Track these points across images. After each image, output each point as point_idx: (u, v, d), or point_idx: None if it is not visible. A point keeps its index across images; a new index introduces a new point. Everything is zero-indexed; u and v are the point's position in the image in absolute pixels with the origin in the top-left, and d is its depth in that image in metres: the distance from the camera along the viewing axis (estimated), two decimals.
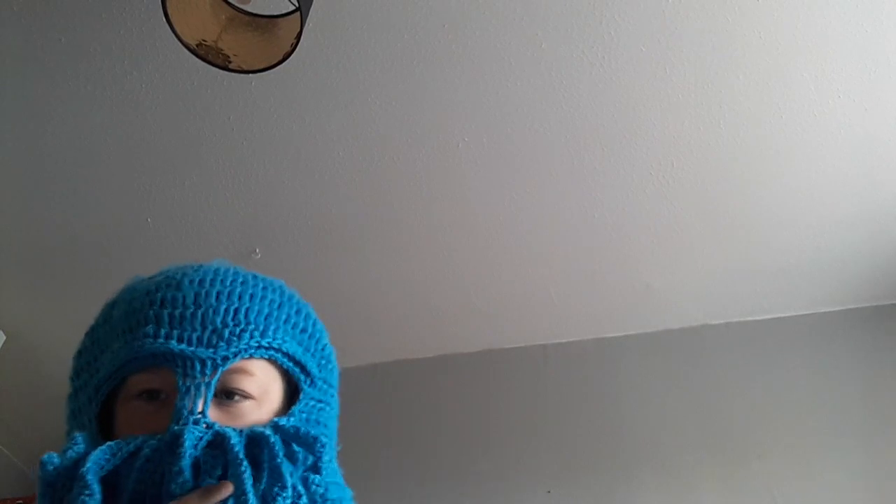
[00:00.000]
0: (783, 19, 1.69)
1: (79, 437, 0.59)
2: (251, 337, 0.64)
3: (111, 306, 0.69)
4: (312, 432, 0.62)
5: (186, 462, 0.55)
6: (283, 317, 0.68)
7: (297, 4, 1.38)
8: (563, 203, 2.09)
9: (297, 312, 0.70)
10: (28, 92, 1.79)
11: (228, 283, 0.66)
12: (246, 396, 0.63)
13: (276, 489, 0.57)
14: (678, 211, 2.12)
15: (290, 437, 0.61)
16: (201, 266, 0.69)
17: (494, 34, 1.71)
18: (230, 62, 1.45)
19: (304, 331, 0.70)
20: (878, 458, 2.11)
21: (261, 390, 0.64)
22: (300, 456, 0.61)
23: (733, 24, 1.70)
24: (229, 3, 1.45)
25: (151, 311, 0.64)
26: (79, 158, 1.93)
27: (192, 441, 0.56)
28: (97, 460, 0.55)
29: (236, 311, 0.64)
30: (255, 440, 0.59)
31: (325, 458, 0.63)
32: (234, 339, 0.63)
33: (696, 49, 1.74)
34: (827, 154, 1.98)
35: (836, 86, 1.82)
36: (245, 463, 0.56)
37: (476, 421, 2.43)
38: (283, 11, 1.48)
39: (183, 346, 0.61)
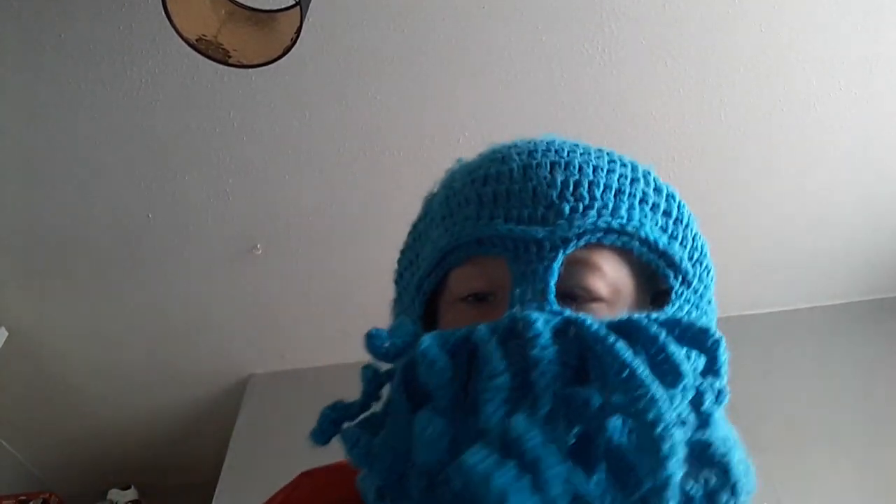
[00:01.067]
0: (784, 12, 1.69)
1: (405, 319, 0.50)
2: (598, 216, 0.49)
3: (432, 196, 0.59)
4: (702, 326, 0.46)
5: (540, 350, 0.41)
6: (639, 195, 0.52)
7: None
8: None
9: (657, 191, 0.54)
10: (28, 91, 1.79)
11: (566, 154, 0.52)
12: (593, 298, 0.48)
13: (672, 389, 0.42)
14: None
15: (675, 330, 0.45)
16: (532, 139, 0.56)
17: (494, 27, 1.70)
18: (230, 57, 1.45)
19: (667, 213, 0.54)
20: (879, 451, 2.11)
21: (611, 290, 0.49)
22: (693, 356, 0.46)
23: (734, 17, 1.69)
24: None
25: (473, 191, 0.52)
26: (79, 156, 1.93)
27: (539, 324, 0.42)
28: (433, 342, 0.44)
29: (577, 185, 0.50)
30: (624, 329, 0.43)
31: (723, 359, 0.47)
32: (576, 216, 0.48)
33: (697, 42, 1.74)
34: (827, 148, 1.97)
35: (837, 79, 1.82)
36: (626, 349, 0.41)
37: None
38: (283, 6, 1.48)
39: (511, 225, 0.48)
